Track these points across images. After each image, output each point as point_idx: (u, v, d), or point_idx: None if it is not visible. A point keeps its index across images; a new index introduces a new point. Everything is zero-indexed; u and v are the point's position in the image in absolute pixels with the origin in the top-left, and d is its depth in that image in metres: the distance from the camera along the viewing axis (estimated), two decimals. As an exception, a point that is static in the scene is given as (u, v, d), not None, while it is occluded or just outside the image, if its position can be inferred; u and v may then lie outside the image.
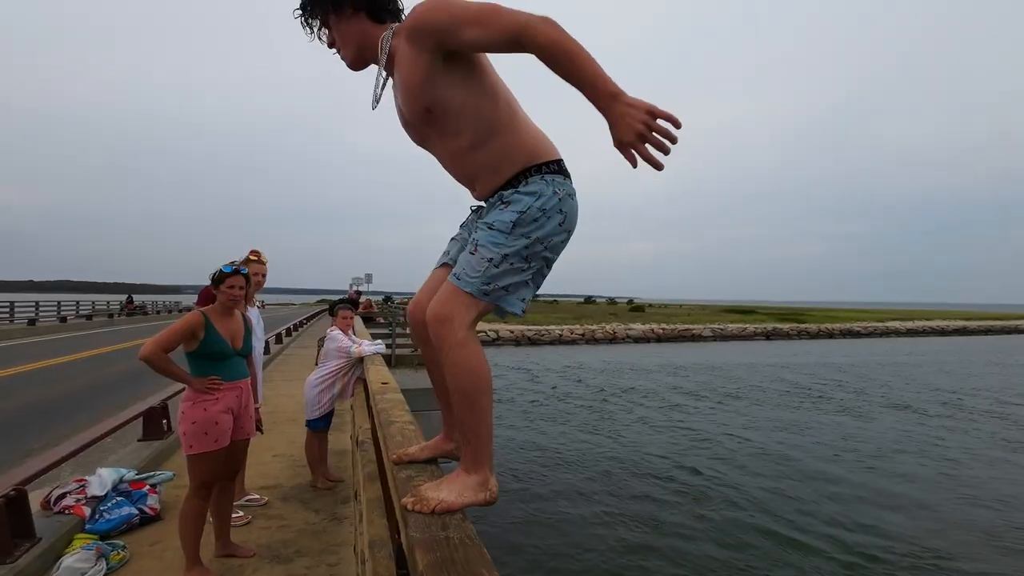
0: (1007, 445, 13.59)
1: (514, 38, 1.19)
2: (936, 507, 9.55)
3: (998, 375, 26.29)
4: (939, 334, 58.32)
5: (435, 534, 1.11)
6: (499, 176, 1.38)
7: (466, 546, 1.06)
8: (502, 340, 41.94)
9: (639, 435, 14.50)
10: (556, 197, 1.34)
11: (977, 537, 8.32)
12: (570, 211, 1.38)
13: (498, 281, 1.33)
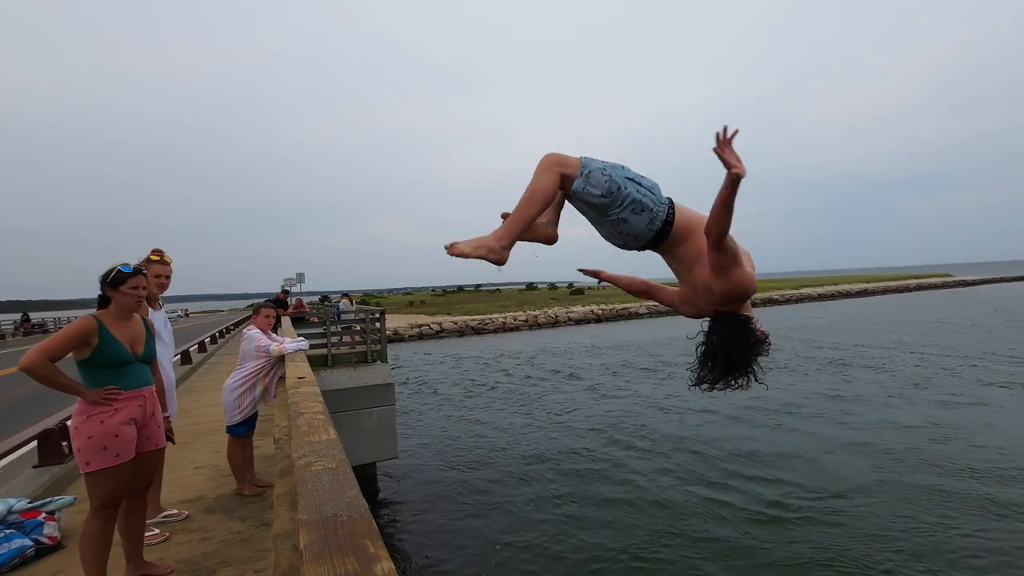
0: (892, 395, 15.25)
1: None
2: (831, 453, 10.60)
3: (887, 332, 29.32)
4: (845, 296, 64.09)
5: (323, 514, 1.10)
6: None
7: (354, 522, 1.06)
8: (446, 332, 41.66)
9: (572, 414, 14.97)
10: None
11: (867, 475, 9.34)
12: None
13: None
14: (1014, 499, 8.01)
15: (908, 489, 8.64)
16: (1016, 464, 9.33)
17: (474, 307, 57.64)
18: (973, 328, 28.68)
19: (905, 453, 10.22)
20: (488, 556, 7.34)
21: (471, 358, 27.66)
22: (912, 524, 7.49)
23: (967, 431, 11.33)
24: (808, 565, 6.62)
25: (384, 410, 10.76)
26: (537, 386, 19.20)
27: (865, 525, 7.54)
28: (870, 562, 6.59)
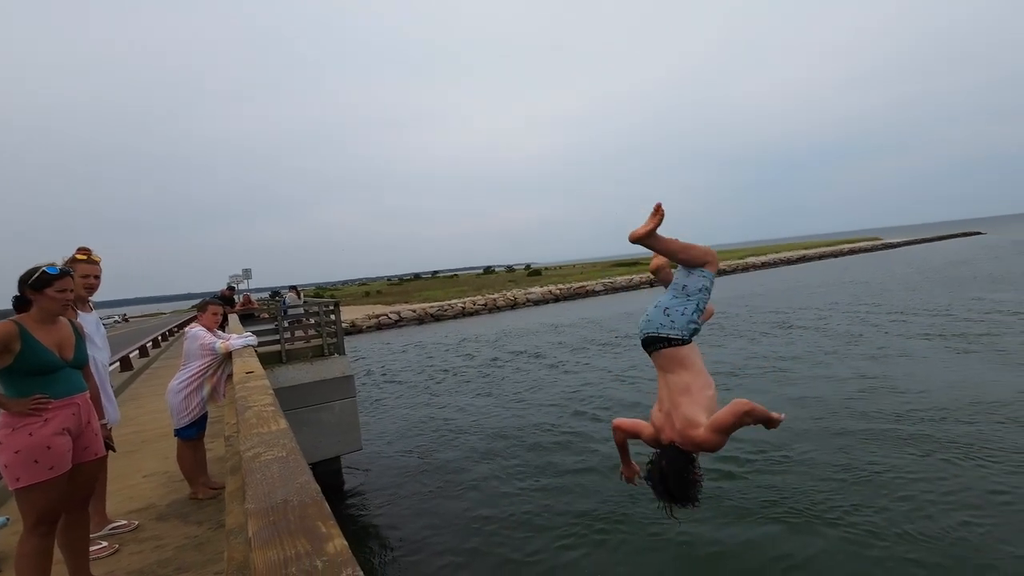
0: (827, 352, 16.35)
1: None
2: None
3: (823, 295, 31.27)
4: (786, 264, 67.61)
5: (273, 502, 1.08)
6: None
7: (305, 505, 1.05)
8: (405, 320, 41.15)
9: (534, 392, 15.24)
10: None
11: (807, 425, 10.05)
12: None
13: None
14: (934, 437, 8.82)
15: (843, 436, 9.37)
16: (935, 407, 10.25)
17: (432, 294, 57.13)
18: (897, 287, 30.98)
19: (839, 404, 11.03)
20: (458, 535, 7.44)
21: (432, 345, 27.51)
22: (847, 466, 8.14)
23: (893, 380, 12.33)
24: (758, 511, 7.09)
25: (345, 403, 10.57)
26: (499, 368, 19.37)
27: (807, 471, 8.14)
28: (812, 503, 7.13)
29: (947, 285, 28.98)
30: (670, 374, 2.25)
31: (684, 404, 2.10)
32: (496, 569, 6.50)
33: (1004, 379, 11.54)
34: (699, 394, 2.11)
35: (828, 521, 6.66)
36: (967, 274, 33.43)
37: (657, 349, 2.28)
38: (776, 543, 6.34)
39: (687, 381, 2.16)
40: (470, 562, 6.73)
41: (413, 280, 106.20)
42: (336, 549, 0.88)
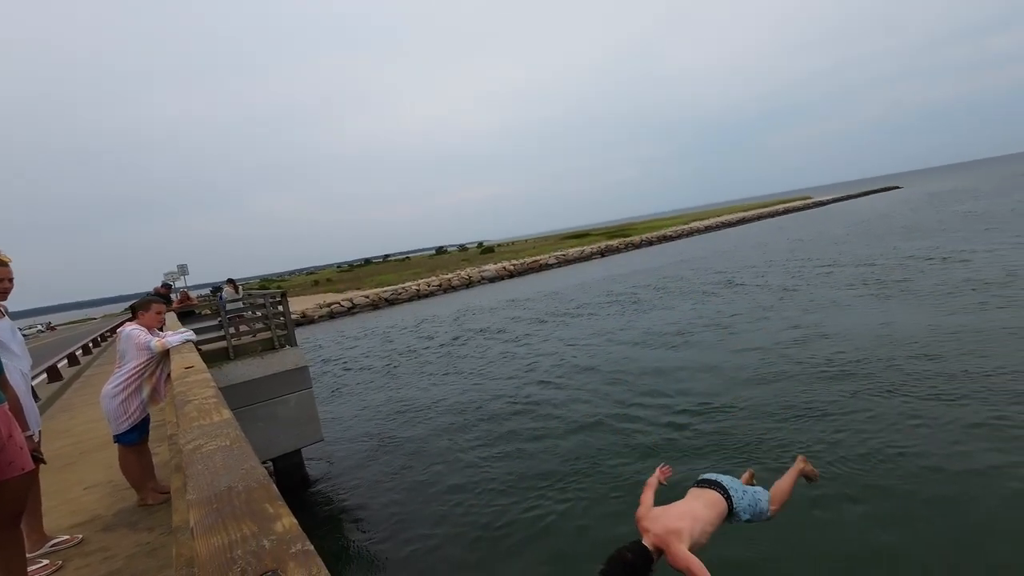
0: (765, 307, 17.35)
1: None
2: (720, 363, 11.99)
3: (760, 254, 32.99)
4: (728, 226, 70.58)
5: (216, 490, 1.05)
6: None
7: (251, 490, 1.03)
8: (359, 307, 40.24)
9: (491, 367, 15.41)
10: None
11: (749, 375, 10.71)
12: None
13: None
14: (860, 376, 9.62)
15: (781, 381, 10.08)
16: (860, 349, 11.15)
17: (385, 278, 56.00)
18: (825, 242, 33.07)
19: (777, 354, 11.79)
20: (427, 514, 7.51)
21: (388, 330, 27.12)
22: (786, 407, 8.79)
23: (823, 328, 13.28)
24: (708, 453, 7.57)
25: (301, 395, 10.30)
26: (457, 347, 19.39)
27: (750, 416, 8.73)
28: (756, 442, 7.67)
29: (868, 238, 31.19)
30: (694, 501, 2.85)
31: (682, 522, 2.62)
32: (469, 544, 6.61)
33: (917, 319, 12.67)
34: (696, 525, 2.65)
35: (771, 457, 7.17)
36: (886, 227, 36.07)
37: (710, 488, 2.96)
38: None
39: (698, 514, 2.72)
40: (441, 539, 6.82)
41: (364, 266, 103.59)
42: (285, 527, 0.86)
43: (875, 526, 5.62)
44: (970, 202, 44.31)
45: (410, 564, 6.42)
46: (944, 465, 6.45)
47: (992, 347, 9.98)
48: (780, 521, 3.25)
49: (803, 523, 5.72)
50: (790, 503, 3.26)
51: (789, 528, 5.47)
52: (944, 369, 9.36)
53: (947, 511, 5.63)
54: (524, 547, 6.32)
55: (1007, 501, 5.58)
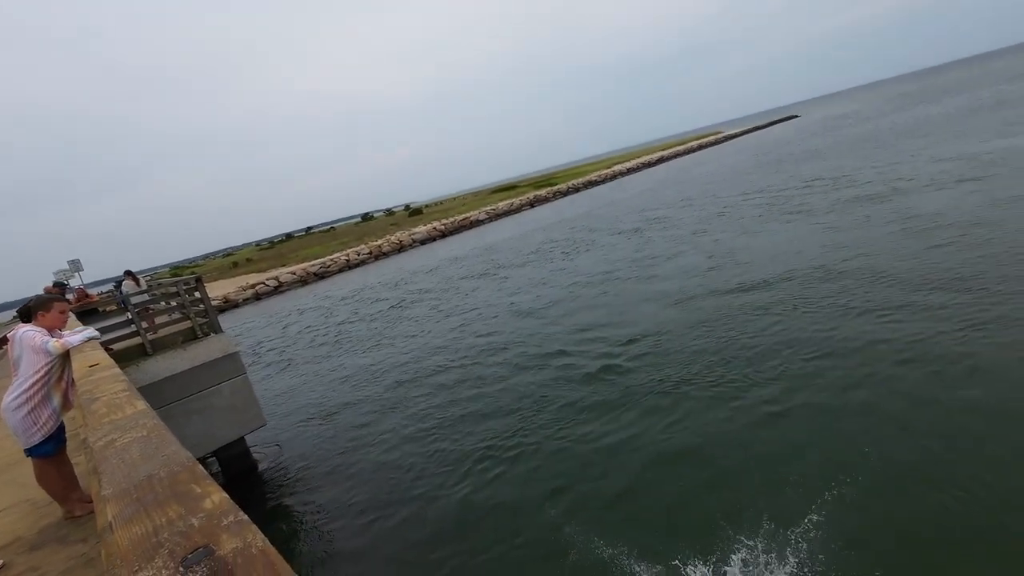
0: (680, 243, 18.38)
1: None
2: (644, 302, 12.71)
3: (677, 191, 34.51)
4: (648, 166, 72.80)
5: (135, 481, 1.00)
6: None
7: (174, 474, 0.98)
8: (286, 285, 38.28)
9: (428, 331, 15.42)
10: None
11: (670, 311, 11.46)
12: None
13: None
14: (770, 296, 10.58)
15: (700, 311, 10.87)
16: (768, 272, 12.20)
17: (310, 252, 53.41)
18: (733, 174, 35.07)
19: (695, 287, 12.62)
20: (378, 487, 7.51)
21: (320, 304, 26.15)
22: (708, 335, 9.54)
23: (735, 256, 14.34)
24: (644, 391, 8.10)
25: (236, 382, 9.83)
26: (393, 313, 19.13)
27: (677, 347, 9.40)
28: (686, 375, 8.30)
29: (770, 166, 33.40)
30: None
31: None
32: (420, 511, 6.62)
33: (814, 238, 13.97)
34: None
35: (700, 386, 7.81)
36: (785, 154, 38.68)
37: None
38: (661, 413, 7.33)
39: None
40: (394, 512, 6.79)
41: (286, 241, 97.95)
42: (215, 503, 0.84)
43: (787, 412, 6.36)
44: (856, 125, 48.20)
45: (366, 537, 6.41)
46: (840, 351, 7.36)
47: (876, 254, 11.26)
48: (716, 419, 3.54)
49: (722, 419, 6.37)
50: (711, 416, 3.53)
51: (713, 427, 6.07)
52: (836, 279, 10.49)
53: (845, 386, 6.46)
54: (482, 502, 6.45)
55: (887, 370, 6.50)
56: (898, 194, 16.27)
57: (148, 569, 0.72)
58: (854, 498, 4.85)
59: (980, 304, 7.88)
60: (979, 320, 7.43)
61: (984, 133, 23.43)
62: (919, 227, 12.38)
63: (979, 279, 8.74)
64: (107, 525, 1.74)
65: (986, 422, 5.40)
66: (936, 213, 13.08)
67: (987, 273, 8.89)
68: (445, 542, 5.84)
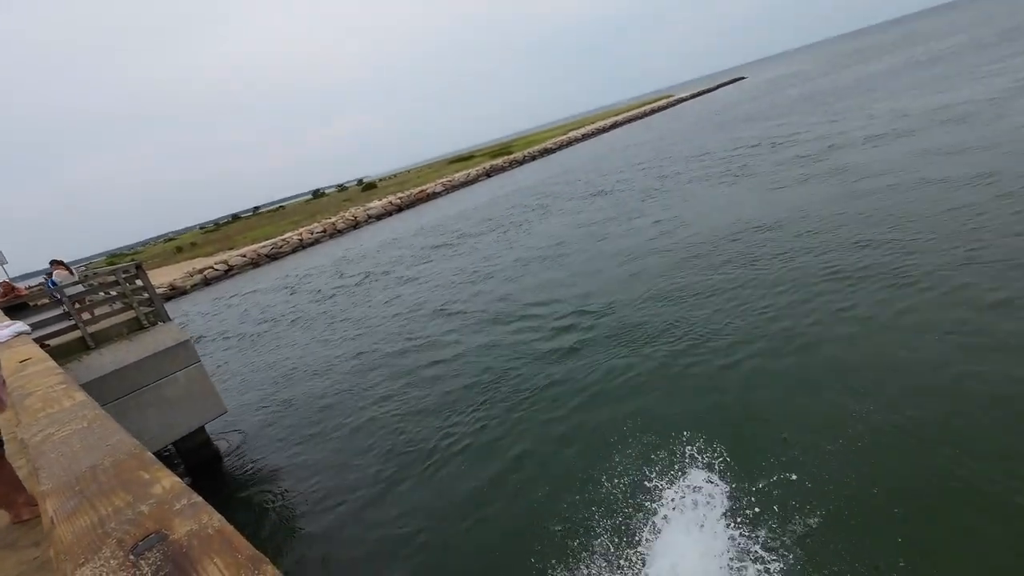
0: (630, 208, 18.68)
1: None
2: (598, 270, 12.95)
3: (627, 157, 34.85)
4: (602, 132, 72.90)
5: (76, 473, 0.93)
6: None
7: (120, 463, 0.93)
8: (236, 268, 36.67)
9: (387, 308, 15.25)
10: None
11: (621, 276, 11.74)
12: None
13: None
14: (716, 256, 10.99)
15: (650, 273, 11.21)
16: (714, 231, 12.61)
17: (260, 232, 51.22)
18: (679, 139, 35.65)
19: (645, 251, 12.91)
20: (346, 468, 7.43)
21: (274, 287, 25.29)
22: (658, 296, 9.85)
23: (682, 219, 14.76)
24: (602, 347, 8.33)
25: (190, 370, 9.45)
26: (349, 292, 18.77)
27: (630, 309, 9.67)
28: (641, 334, 8.58)
29: (715, 130, 34.14)
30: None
31: None
32: (385, 490, 6.56)
33: (755, 198, 14.55)
34: None
35: (653, 344, 8.09)
36: (730, 117, 39.55)
37: None
38: (622, 369, 7.59)
39: None
40: (360, 492, 6.68)
41: (232, 222, 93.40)
42: (165, 488, 0.80)
43: (747, 359, 6.71)
44: (800, 86, 49.61)
45: (332, 518, 6.35)
46: (784, 304, 7.79)
47: (814, 212, 11.82)
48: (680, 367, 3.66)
49: (692, 374, 6.67)
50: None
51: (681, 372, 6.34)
52: (778, 236, 10.99)
53: (791, 334, 6.90)
54: (447, 477, 6.43)
55: (828, 319, 6.98)
56: (835, 151, 17.00)
57: (95, 561, 0.68)
58: (805, 434, 5.20)
59: (907, 251, 8.45)
60: (904, 269, 7.98)
61: (916, 90, 24.61)
62: (854, 182, 13.03)
63: (907, 230, 9.34)
64: (50, 521, 1.65)
65: (912, 353, 5.86)
66: (871, 168, 13.80)
67: (915, 224, 9.49)
68: (411, 520, 5.84)
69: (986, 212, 9.02)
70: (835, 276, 8.42)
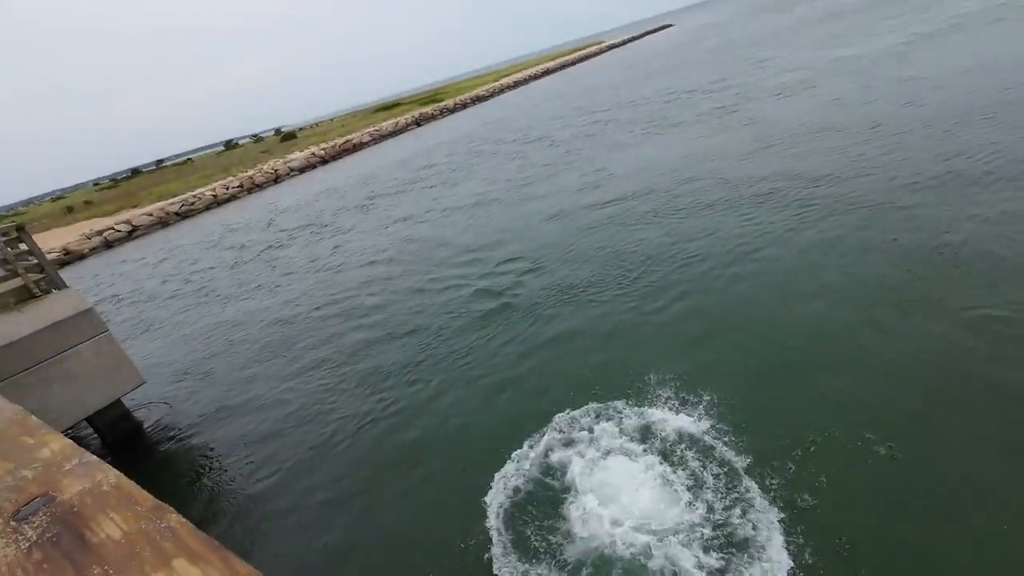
0: (556, 162, 18.82)
1: None
2: (530, 224, 13.18)
3: (557, 107, 34.62)
4: (535, 79, 71.44)
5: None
6: None
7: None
8: (142, 229, 33.43)
9: (314, 267, 14.70)
10: None
11: (551, 227, 12.00)
12: None
13: None
14: (643, 205, 11.45)
15: (577, 226, 11.48)
16: (639, 182, 13.06)
17: (167, 188, 46.69)
18: (606, 88, 35.78)
19: (574, 207, 13.08)
20: (272, 434, 7.27)
21: (187, 247, 23.44)
22: (589, 247, 10.18)
23: (608, 171, 15.08)
24: (536, 306, 8.59)
25: (97, 341, 8.71)
26: (270, 252, 17.87)
27: (560, 262, 9.94)
28: (573, 285, 8.89)
29: (642, 79, 34.51)
30: None
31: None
32: (321, 454, 6.46)
33: (676, 146, 15.11)
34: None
35: (586, 296, 8.41)
36: (657, 66, 40.01)
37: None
38: (556, 322, 7.86)
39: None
40: (295, 459, 6.54)
41: (132, 177, 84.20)
42: (53, 451, 0.76)
43: (679, 298, 7.22)
44: (721, 35, 50.71)
45: (265, 487, 6.24)
46: (704, 251, 8.41)
47: (730, 159, 12.51)
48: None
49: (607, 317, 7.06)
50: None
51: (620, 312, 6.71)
52: (698, 186, 11.59)
53: (714, 276, 7.52)
54: (382, 439, 6.35)
55: (745, 261, 7.67)
56: (746, 104, 17.79)
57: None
58: (729, 360, 5.74)
59: (809, 196, 9.23)
60: (805, 215, 8.79)
61: (819, 43, 25.94)
62: (766, 133, 13.82)
63: (812, 176, 10.13)
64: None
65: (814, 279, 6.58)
66: (779, 119, 14.68)
67: (816, 171, 10.30)
68: (347, 483, 5.79)
69: (868, 155, 10.02)
70: (755, 224, 9.06)
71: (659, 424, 5.09)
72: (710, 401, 5.27)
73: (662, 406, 5.36)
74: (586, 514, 4.27)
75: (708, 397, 5.32)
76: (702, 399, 5.31)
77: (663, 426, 5.04)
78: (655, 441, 4.90)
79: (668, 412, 5.25)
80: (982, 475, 3.86)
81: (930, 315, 5.62)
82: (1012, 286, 5.65)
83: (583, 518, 4.27)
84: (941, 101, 12.16)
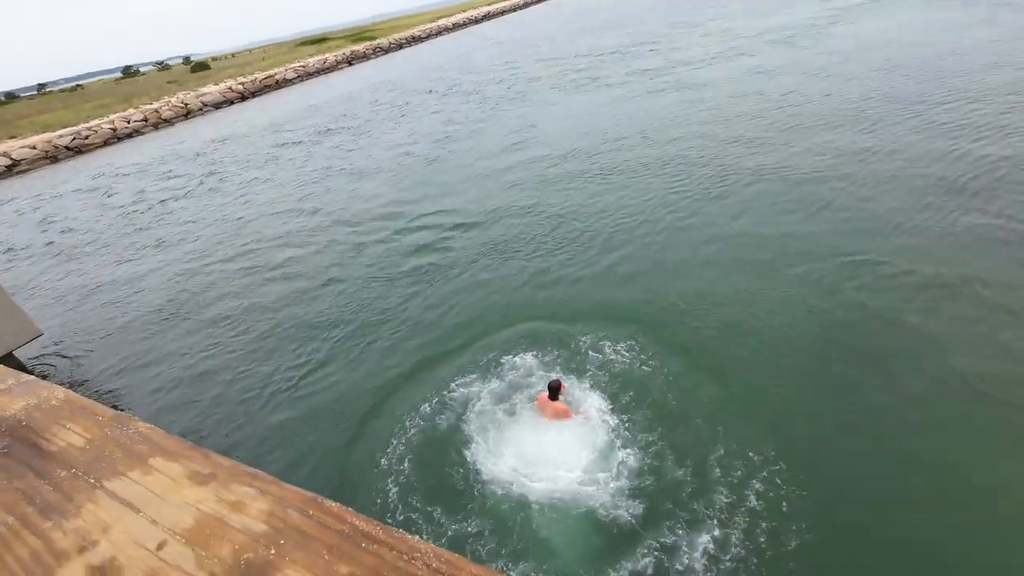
0: (484, 117, 18.65)
1: None
2: (461, 188, 13.21)
3: (489, 55, 33.69)
4: (476, 22, 68.35)
5: None
6: None
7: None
8: (26, 163, 29.40)
9: (231, 214, 13.97)
10: None
11: (475, 187, 12.08)
12: None
13: None
14: (575, 164, 11.84)
15: (495, 185, 11.75)
16: (572, 141, 13.38)
17: (53, 118, 40.98)
18: (545, 40, 35.30)
19: (501, 160, 13.24)
20: (185, 391, 7.16)
21: (84, 189, 21.07)
22: (514, 203, 10.51)
23: (537, 128, 15.30)
24: (467, 265, 8.81)
25: (-21, 290, 7.95)
26: (182, 197, 16.57)
27: (491, 217, 10.18)
28: (509, 246, 9.16)
29: (568, 37, 34.24)
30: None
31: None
32: (243, 417, 6.30)
33: (608, 107, 15.54)
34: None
35: (524, 256, 8.63)
36: (588, 25, 39.67)
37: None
38: (505, 280, 8.06)
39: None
40: (210, 420, 6.35)
41: (8, 103, 72.69)
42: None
43: (607, 252, 7.73)
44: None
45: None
46: (631, 208, 9.00)
47: (659, 119, 13.13)
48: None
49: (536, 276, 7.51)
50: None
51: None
52: (625, 144, 12.12)
53: (640, 233, 8.12)
54: (302, 406, 6.18)
55: (673, 217, 8.30)
56: (680, 69, 18.36)
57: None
58: (649, 303, 6.31)
59: (736, 158, 10.01)
60: (733, 178, 9.51)
61: (748, 13, 26.81)
62: (697, 97, 14.45)
63: (730, 137, 10.91)
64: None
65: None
66: (707, 82, 15.40)
67: (736, 132, 11.09)
68: (270, 449, 5.69)
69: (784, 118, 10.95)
70: (676, 184, 9.71)
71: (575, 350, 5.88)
72: (627, 334, 5.92)
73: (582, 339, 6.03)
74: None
75: (625, 332, 5.98)
76: (620, 337, 5.91)
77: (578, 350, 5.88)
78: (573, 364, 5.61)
79: (586, 345, 5.96)
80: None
81: (816, 259, 6.69)
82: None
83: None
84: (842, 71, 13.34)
